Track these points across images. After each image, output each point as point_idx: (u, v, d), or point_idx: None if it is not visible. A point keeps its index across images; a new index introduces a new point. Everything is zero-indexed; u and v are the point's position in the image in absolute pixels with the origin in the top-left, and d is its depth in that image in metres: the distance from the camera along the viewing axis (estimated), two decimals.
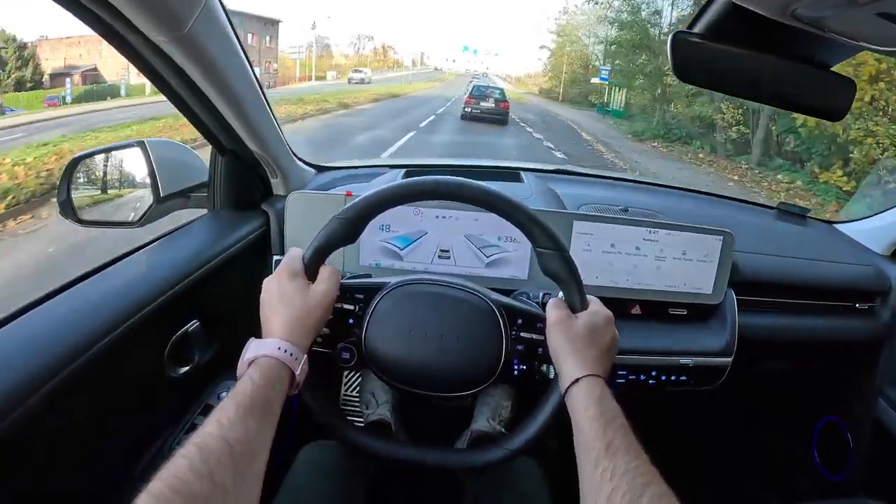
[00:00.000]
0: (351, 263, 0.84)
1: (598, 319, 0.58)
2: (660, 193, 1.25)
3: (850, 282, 1.07)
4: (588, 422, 0.50)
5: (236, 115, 0.76)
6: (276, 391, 0.49)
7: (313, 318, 0.55)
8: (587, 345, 0.56)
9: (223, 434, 0.42)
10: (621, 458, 0.46)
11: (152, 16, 0.55)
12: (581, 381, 0.53)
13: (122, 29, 0.58)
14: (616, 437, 0.48)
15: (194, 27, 0.59)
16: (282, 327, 0.53)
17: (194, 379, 0.78)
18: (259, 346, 0.52)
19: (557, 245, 0.58)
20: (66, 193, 0.83)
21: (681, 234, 0.88)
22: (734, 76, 0.56)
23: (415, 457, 0.63)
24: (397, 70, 55.27)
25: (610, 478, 0.44)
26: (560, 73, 27.23)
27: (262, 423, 0.45)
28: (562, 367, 0.56)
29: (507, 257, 0.84)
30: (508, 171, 1.16)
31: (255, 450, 0.43)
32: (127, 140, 0.84)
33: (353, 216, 0.58)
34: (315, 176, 1.08)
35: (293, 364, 0.51)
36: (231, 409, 0.44)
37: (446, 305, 0.63)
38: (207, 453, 0.40)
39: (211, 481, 0.38)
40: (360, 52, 56.08)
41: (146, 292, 0.66)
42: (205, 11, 0.60)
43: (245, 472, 0.41)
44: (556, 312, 0.59)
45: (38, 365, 0.51)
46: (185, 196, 0.89)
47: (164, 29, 0.58)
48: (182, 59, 0.63)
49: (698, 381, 0.91)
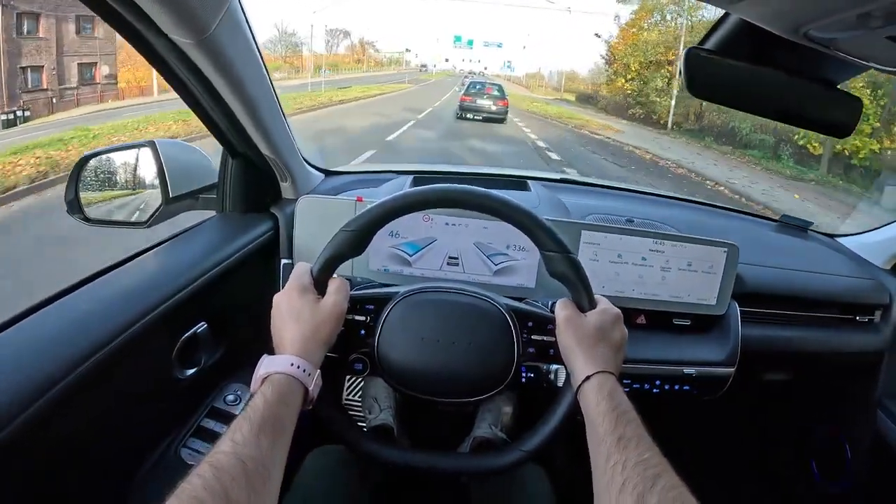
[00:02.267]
0: (360, 269, 0.84)
1: (607, 317, 0.59)
2: (662, 204, 1.26)
3: (851, 294, 1.08)
4: (600, 416, 0.51)
5: (251, 119, 0.76)
6: (289, 408, 0.49)
7: (324, 332, 0.56)
8: (597, 342, 0.57)
9: (237, 452, 0.42)
10: (633, 450, 0.47)
11: (177, 18, 0.56)
12: (592, 378, 0.55)
13: (144, 30, 0.58)
14: (627, 431, 0.49)
15: (217, 30, 0.60)
16: (294, 343, 0.54)
17: (201, 381, 0.77)
18: (271, 362, 0.52)
19: (563, 248, 0.59)
20: (73, 191, 0.83)
21: (686, 245, 0.89)
22: (744, 92, 0.57)
23: (430, 463, 0.63)
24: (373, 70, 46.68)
25: (621, 470, 0.45)
26: (626, 74, 16.73)
27: (275, 440, 0.45)
28: (573, 365, 0.57)
29: (516, 266, 0.85)
30: (515, 180, 1.16)
31: (268, 467, 0.43)
32: (137, 140, 0.84)
33: (360, 228, 0.58)
34: (324, 180, 1.09)
35: (306, 380, 0.52)
36: (245, 426, 0.45)
37: (457, 312, 0.63)
38: (221, 471, 0.40)
39: (226, 499, 0.39)
40: (333, 51, 45.96)
41: (156, 294, 0.66)
42: (227, 15, 0.61)
43: (259, 490, 0.41)
44: (565, 312, 0.60)
45: (48, 366, 0.51)
46: (194, 197, 0.89)
47: (188, 32, 0.58)
48: (202, 61, 0.64)
49: (701, 391, 0.92)
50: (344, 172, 1.15)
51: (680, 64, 0.56)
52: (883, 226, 1.18)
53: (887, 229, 1.16)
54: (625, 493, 0.43)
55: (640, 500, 0.42)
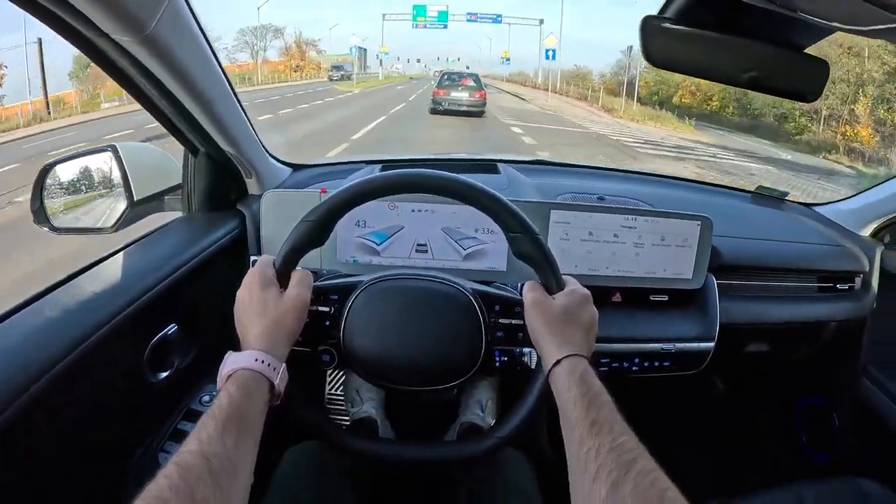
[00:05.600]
0: (328, 261, 0.83)
1: (575, 298, 0.58)
2: (635, 181, 1.26)
3: (830, 263, 1.08)
4: (571, 402, 0.50)
5: (207, 116, 0.75)
6: (255, 403, 0.49)
7: (288, 325, 0.55)
8: (566, 325, 0.56)
9: (202, 450, 0.42)
10: (606, 435, 0.46)
11: (113, 15, 0.54)
12: (563, 362, 0.53)
13: (83, 28, 0.57)
14: (600, 416, 0.48)
15: (158, 27, 0.58)
16: (257, 338, 0.53)
17: (176, 384, 0.77)
18: (236, 359, 0.51)
19: (526, 228, 0.58)
20: (39, 201, 0.83)
21: (658, 220, 0.88)
22: (707, 61, 0.56)
23: (403, 453, 0.63)
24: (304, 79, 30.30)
25: (595, 456, 0.44)
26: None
27: (241, 437, 0.45)
28: (542, 349, 0.56)
29: (485, 249, 0.84)
30: (485, 164, 1.16)
31: (235, 463, 0.43)
32: (97, 146, 0.84)
33: (320, 218, 0.57)
34: (291, 174, 1.08)
35: (271, 374, 0.51)
36: (210, 424, 0.44)
37: (421, 298, 0.63)
38: (186, 470, 0.40)
39: (191, 498, 0.38)
40: (257, 57, 32.07)
41: (120, 299, 0.65)
42: (169, 10, 0.59)
43: (226, 487, 0.41)
44: (533, 295, 0.59)
45: (12, 376, 0.50)
46: (160, 199, 0.88)
47: (127, 29, 0.57)
48: (147, 59, 0.62)
49: (681, 367, 0.92)
50: (312, 165, 1.14)
51: (638, 34, 0.55)
52: (858, 193, 1.17)
53: (863, 196, 1.16)
54: (599, 479, 0.42)
55: (614, 486, 0.41)
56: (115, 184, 0.85)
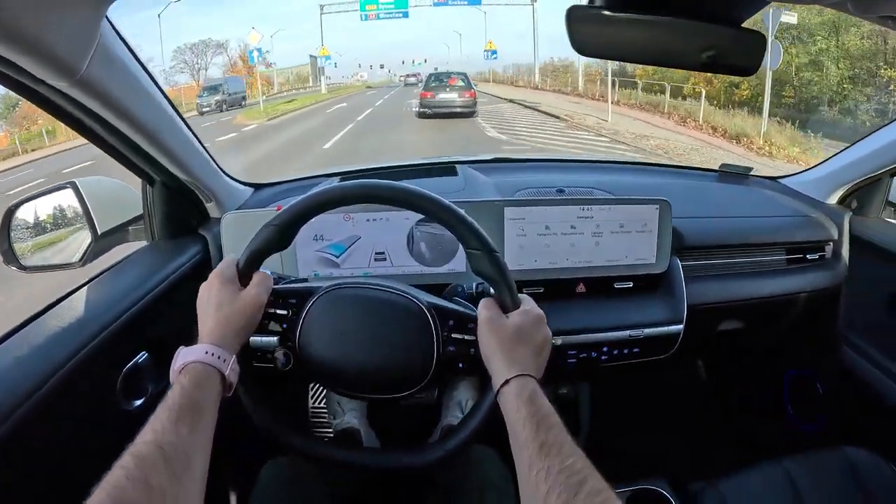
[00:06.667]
0: (290, 267, 0.85)
1: (528, 318, 0.58)
2: (596, 170, 1.26)
3: (797, 234, 1.08)
4: (521, 423, 0.50)
5: (154, 146, 0.76)
6: (207, 393, 0.51)
7: (241, 320, 0.58)
8: (517, 344, 0.56)
9: (156, 440, 0.44)
10: (555, 457, 0.46)
11: (42, 62, 0.55)
12: (511, 382, 0.53)
13: (16, 76, 0.58)
14: (549, 437, 0.48)
15: (90, 68, 0.59)
16: (211, 332, 0.56)
17: (151, 410, 0.78)
18: (187, 353, 0.54)
19: (485, 245, 0.59)
20: (6, 242, 0.84)
21: (615, 207, 0.89)
22: (640, 45, 0.54)
23: (350, 459, 0.64)
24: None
25: (545, 478, 0.44)
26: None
27: (194, 426, 0.47)
28: (492, 367, 0.57)
29: (446, 251, 0.85)
30: (443, 167, 1.17)
31: (188, 452, 0.45)
32: (57, 183, 0.86)
33: (283, 223, 0.60)
34: (253, 194, 1.09)
35: (221, 366, 0.54)
36: (163, 415, 0.47)
37: (376, 308, 0.64)
38: (141, 460, 0.42)
39: (146, 486, 0.40)
40: (199, 74, 26.47)
41: (87, 331, 0.67)
42: (100, 50, 0.60)
43: (180, 475, 0.43)
44: (487, 313, 0.59)
45: None
46: (124, 230, 0.90)
47: (59, 74, 0.57)
48: (86, 99, 0.63)
49: (652, 352, 0.92)
50: (273, 184, 1.15)
51: (564, 24, 0.53)
52: (823, 161, 1.17)
53: (827, 164, 1.16)
54: (549, 501, 0.43)
55: None
56: (79, 219, 0.87)
